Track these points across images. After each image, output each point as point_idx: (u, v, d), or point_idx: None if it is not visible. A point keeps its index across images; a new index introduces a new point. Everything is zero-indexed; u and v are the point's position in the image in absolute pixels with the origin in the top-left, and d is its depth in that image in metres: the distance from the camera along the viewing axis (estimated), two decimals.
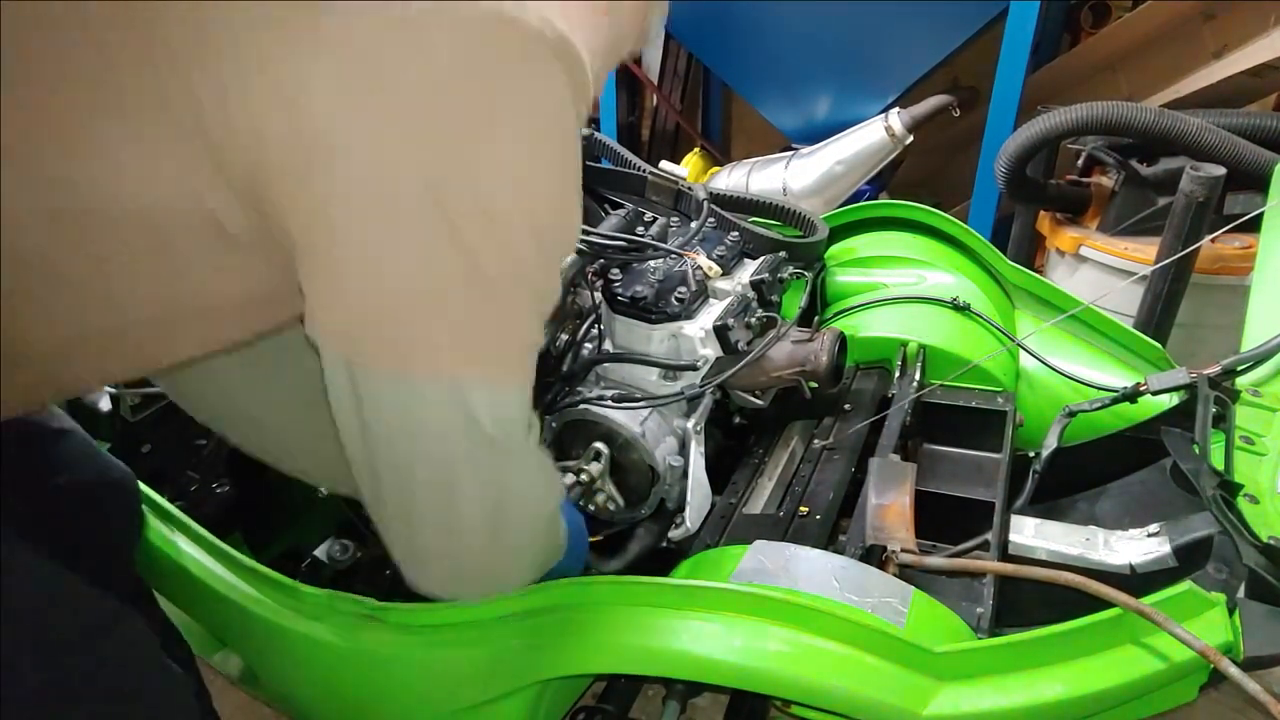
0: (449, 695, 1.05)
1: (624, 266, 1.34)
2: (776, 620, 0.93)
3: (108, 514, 1.14)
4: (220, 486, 1.45)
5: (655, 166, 1.66)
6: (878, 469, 1.22)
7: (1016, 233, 2.62)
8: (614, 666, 0.99)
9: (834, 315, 1.68)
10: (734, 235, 1.48)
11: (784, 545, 1.11)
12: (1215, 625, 0.89)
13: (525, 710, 1.03)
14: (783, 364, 1.32)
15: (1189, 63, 2.58)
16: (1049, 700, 0.88)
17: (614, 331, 1.33)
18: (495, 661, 1.01)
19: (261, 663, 1.28)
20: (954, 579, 1.11)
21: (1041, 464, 1.32)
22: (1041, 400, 1.52)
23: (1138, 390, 1.28)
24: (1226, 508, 1.02)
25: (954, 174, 3.26)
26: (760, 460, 1.43)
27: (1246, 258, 2.05)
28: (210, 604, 1.20)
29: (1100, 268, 2.28)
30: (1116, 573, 1.10)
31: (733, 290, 1.38)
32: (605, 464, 1.24)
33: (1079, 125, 2.03)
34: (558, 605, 1.00)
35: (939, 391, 1.47)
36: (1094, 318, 1.53)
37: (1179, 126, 1.93)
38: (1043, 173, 2.38)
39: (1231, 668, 0.82)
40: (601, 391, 1.27)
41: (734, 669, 0.92)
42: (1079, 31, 3.16)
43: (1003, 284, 1.71)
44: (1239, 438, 1.14)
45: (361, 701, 1.13)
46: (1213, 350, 1.30)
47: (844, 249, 1.82)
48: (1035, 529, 1.17)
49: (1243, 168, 1.92)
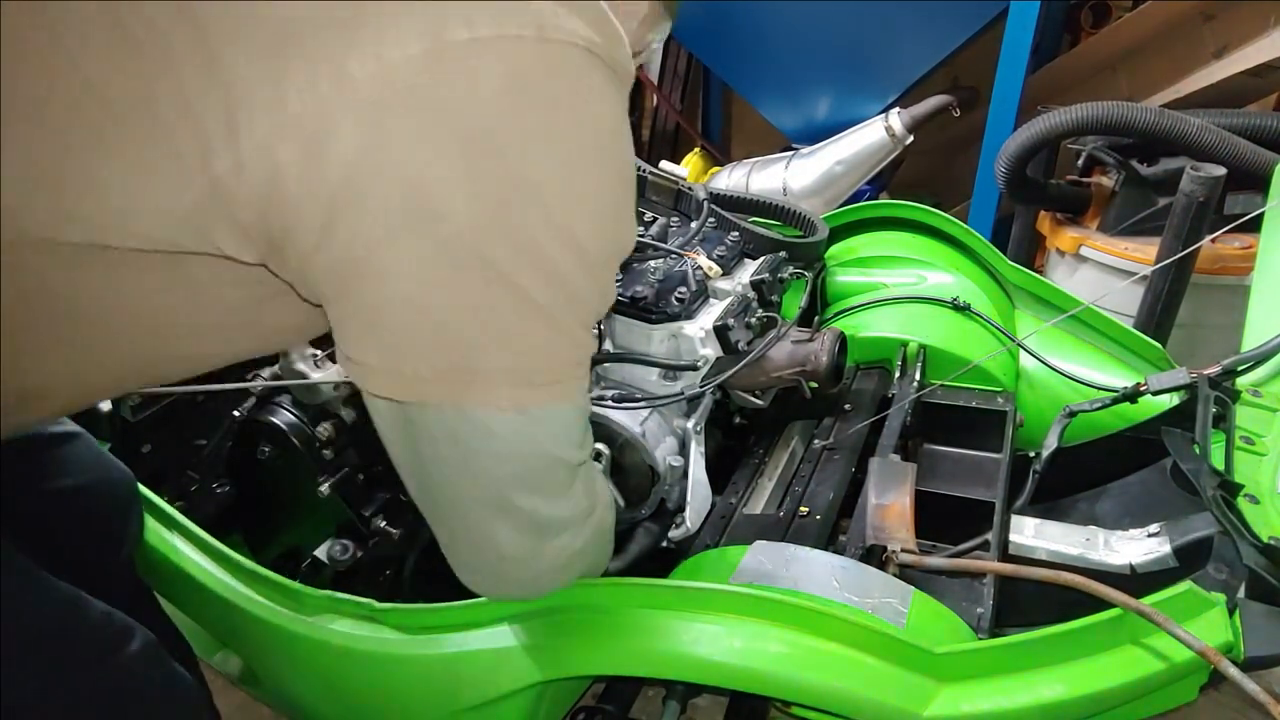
0: (449, 696, 1.05)
1: (624, 266, 1.34)
2: (777, 621, 0.93)
3: (108, 517, 1.14)
4: (220, 486, 1.45)
5: (655, 166, 1.66)
6: (878, 469, 1.22)
7: (1016, 233, 2.62)
8: (614, 668, 0.98)
9: (834, 315, 1.68)
10: (734, 235, 1.48)
11: (784, 545, 1.11)
12: (1215, 625, 0.89)
13: (525, 711, 1.03)
14: (783, 364, 1.32)
15: (1189, 63, 2.58)
16: (1049, 701, 0.87)
17: (614, 331, 1.33)
18: (495, 662, 1.01)
19: (261, 663, 1.28)
20: (954, 579, 1.11)
21: (1041, 464, 1.32)
22: (1041, 400, 1.52)
23: (1138, 390, 1.28)
24: (1227, 508, 1.02)
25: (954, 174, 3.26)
26: (760, 460, 1.43)
27: (1246, 258, 2.05)
28: (210, 605, 1.20)
29: (1100, 268, 2.28)
30: (1116, 573, 1.10)
31: (733, 290, 1.38)
32: (606, 464, 1.24)
33: (1079, 125, 2.03)
34: (558, 607, 1.00)
35: (939, 391, 1.47)
36: (1094, 318, 1.53)
37: (1179, 126, 1.93)
38: (1043, 173, 2.38)
39: (1231, 668, 0.82)
40: (601, 392, 1.27)
41: (734, 670, 0.92)
42: (1079, 31, 3.16)
43: (1003, 284, 1.71)
44: (1239, 438, 1.14)
45: (361, 702, 1.13)
46: (1213, 350, 1.30)
47: (844, 249, 1.82)
48: (1035, 529, 1.17)
49: (1243, 168, 1.92)
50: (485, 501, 0.83)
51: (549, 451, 0.81)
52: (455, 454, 0.80)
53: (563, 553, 0.90)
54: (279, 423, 1.33)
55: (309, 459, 1.31)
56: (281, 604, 1.14)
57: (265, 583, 1.15)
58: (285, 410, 1.35)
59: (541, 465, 0.82)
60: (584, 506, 0.90)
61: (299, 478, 1.32)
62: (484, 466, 0.80)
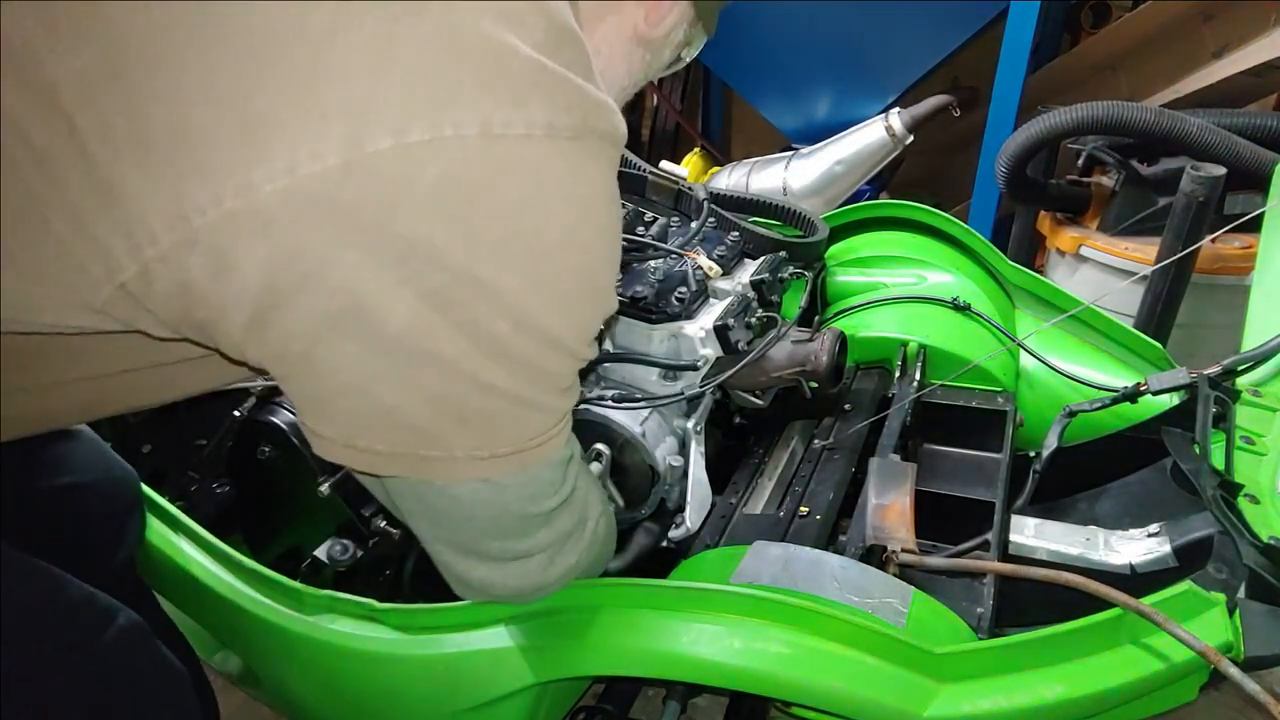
0: (449, 696, 1.05)
1: (624, 266, 1.34)
2: (777, 622, 0.93)
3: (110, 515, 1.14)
4: (220, 486, 1.44)
5: (655, 166, 1.66)
6: (878, 469, 1.22)
7: (1016, 233, 2.62)
8: (614, 668, 0.99)
9: (834, 315, 1.68)
10: (734, 235, 1.48)
11: (784, 545, 1.11)
12: (1215, 625, 0.88)
13: (526, 711, 1.03)
14: (783, 364, 1.32)
15: (1189, 63, 2.58)
16: (1049, 701, 0.87)
17: (614, 331, 1.33)
18: (495, 663, 1.01)
19: (261, 663, 1.28)
20: (954, 579, 1.11)
21: (1041, 464, 1.32)
22: (1041, 400, 1.52)
23: (1138, 390, 1.28)
24: (1227, 508, 1.02)
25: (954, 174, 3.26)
26: (760, 460, 1.43)
27: (1246, 258, 2.05)
28: (210, 604, 1.20)
29: (1100, 268, 2.28)
30: (1116, 573, 1.10)
31: (733, 290, 1.38)
32: (606, 464, 1.24)
33: (1079, 125, 2.03)
34: (558, 607, 1.00)
35: (939, 391, 1.47)
36: (1094, 318, 1.53)
37: (1179, 126, 1.93)
38: (1043, 173, 2.38)
39: (1231, 668, 0.82)
40: (601, 392, 1.27)
41: (734, 671, 0.92)
42: (1079, 31, 3.17)
43: (1003, 284, 1.71)
44: (1239, 438, 1.14)
45: (361, 702, 1.13)
46: (1213, 350, 1.30)
47: (844, 249, 1.82)
48: (1035, 529, 1.17)
49: (1243, 168, 1.92)
50: (456, 546, 0.84)
51: (519, 510, 0.80)
52: (422, 510, 0.80)
53: (546, 570, 0.91)
54: (279, 423, 1.33)
55: (309, 459, 1.31)
56: (282, 604, 1.14)
57: (266, 582, 1.15)
58: (285, 410, 1.35)
59: (511, 520, 0.81)
60: (565, 529, 0.90)
61: (299, 478, 1.32)
62: (452, 523, 0.81)
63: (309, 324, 0.64)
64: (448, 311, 0.65)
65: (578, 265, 0.70)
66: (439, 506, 0.78)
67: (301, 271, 0.61)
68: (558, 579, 0.93)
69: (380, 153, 0.59)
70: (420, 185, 0.61)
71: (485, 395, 0.70)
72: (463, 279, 0.64)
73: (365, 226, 0.61)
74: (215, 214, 0.60)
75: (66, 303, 0.65)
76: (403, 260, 0.62)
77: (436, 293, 0.64)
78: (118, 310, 0.65)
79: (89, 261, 0.62)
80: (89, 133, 0.60)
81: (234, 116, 0.59)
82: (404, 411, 0.69)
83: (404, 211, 0.61)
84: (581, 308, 0.73)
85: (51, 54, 0.60)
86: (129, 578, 1.17)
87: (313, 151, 0.59)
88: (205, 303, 0.64)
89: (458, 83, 0.61)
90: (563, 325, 0.71)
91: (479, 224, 0.63)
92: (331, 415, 0.71)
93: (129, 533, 1.16)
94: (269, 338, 0.65)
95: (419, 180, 0.60)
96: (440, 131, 0.60)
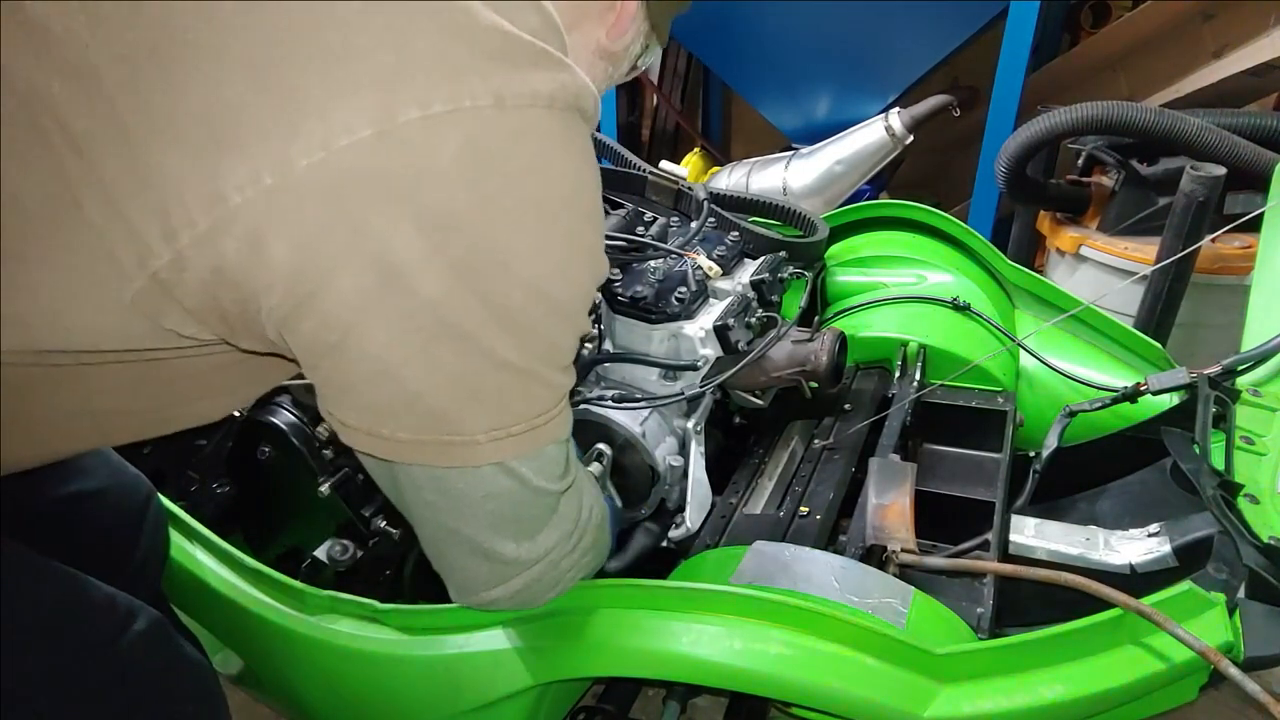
0: (450, 697, 1.05)
1: (624, 266, 1.34)
2: (777, 622, 0.93)
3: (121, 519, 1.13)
4: (220, 486, 1.44)
5: (655, 166, 1.66)
6: (878, 469, 1.22)
7: (1016, 233, 2.62)
8: (614, 669, 0.99)
9: (834, 315, 1.68)
10: (734, 235, 1.48)
11: (784, 546, 1.11)
12: (1215, 625, 0.89)
13: (526, 712, 1.03)
14: (783, 364, 1.32)
15: (1189, 63, 2.58)
16: (1050, 701, 0.87)
17: (614, 331, 1.33)
18: (496, 664, 1.01)
19: (262, 663, 1.28)
20: (954, 579, 1.11)
21: (1041, 464, 1.32)
22: (1041, 400, 1.52)
23: (1138, 390, 1.28)
24: (1227, 508, 1.02)
25: (954, 174, 3.26)
26: (760, 460, 1.43)
27: (1246, 258, 2.05)
28: (211, 604, 1.20)
29: (1100, 268, 2.29)
30: (1116, 573, 1.10)
31: (733, 290, 1.38)
32: (606, 464, 1.24)
33: (1079, 125, 2.03)
34: (558, 608, 0.99)
35: (939, 391, 1.47)
36: (1094, 318, 1.53)
37: (1179, 126, 1.93)
38: (1043, 173, 2.39)
39: (1231, 668, 0.82)
40: (601, 392, 1.27)
41: (734, 672, 0.92)
42: (1079, 31, 3.17)
43: (1003, 284, 1.71)
44: (1239, 438, 1.14)
45: (362, 703, 1.13)
46: (1213, 350, 1.30)
47: (844, 249, 1.82)
48: (1035, 529, 1.17)
49: (1243, 168, 1.92)
50: (463, 541, 0.86)
51: (532, 486, 0.83)
52: (440, 500, 0.82)
53: (543, 579, 0.91)
54: (279, 423, 1.33)
55: (309, 459, 1.31)
56: (284, 604, 1.14)
57: (267, 582, 1.15)
58: (285, 410, 1.35)
59: (524, 500, 0.84)
60: (563, 534, 0.91)
61: (299, 478, 1.32)
62: (468, 509, 0.82)
63: (346, 304, 0.67)
64: (471, 280, 0.69)
65: (577, 228, 0.75)
66: (458, 489, 0.80)
67: (337, 246, 0.65)
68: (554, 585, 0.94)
69: (410, 122, 0.63)
70: (444, 154, 0.65)
71: (500, 370, 0.74)
72: (481, 246, 0.68)
73: (398, 196, 0.65)
74: (254, 191, 0.62)
75: (95, 303, 0.67)
76: (436, 228, 0.66)
77: (461, 260, 0.68)
78: (147, 304, 0.67)
79: (120, 248, 0.65)
80: (129, 112, 0.63)
81: (271, 95, 0.63)
82: (427, 396, 0.73)
83: (430, 179, 0.65)
84: (582, 272, 0.78)
85: (94, 39, 0.63)
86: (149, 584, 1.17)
87: (346, 125, 0.62)
88: (238, 286, 0.67)
89: (471, 59, 0.66)
90: (567, 291, 0.76)
91: (495, 190, 0.68)
92: (358, 404, 0.75)
93: (143, 537, 1.16)
94: (304, 328, 0.69)
95: (443, 149, 0.65)
96: (460, 103, 0.65)
